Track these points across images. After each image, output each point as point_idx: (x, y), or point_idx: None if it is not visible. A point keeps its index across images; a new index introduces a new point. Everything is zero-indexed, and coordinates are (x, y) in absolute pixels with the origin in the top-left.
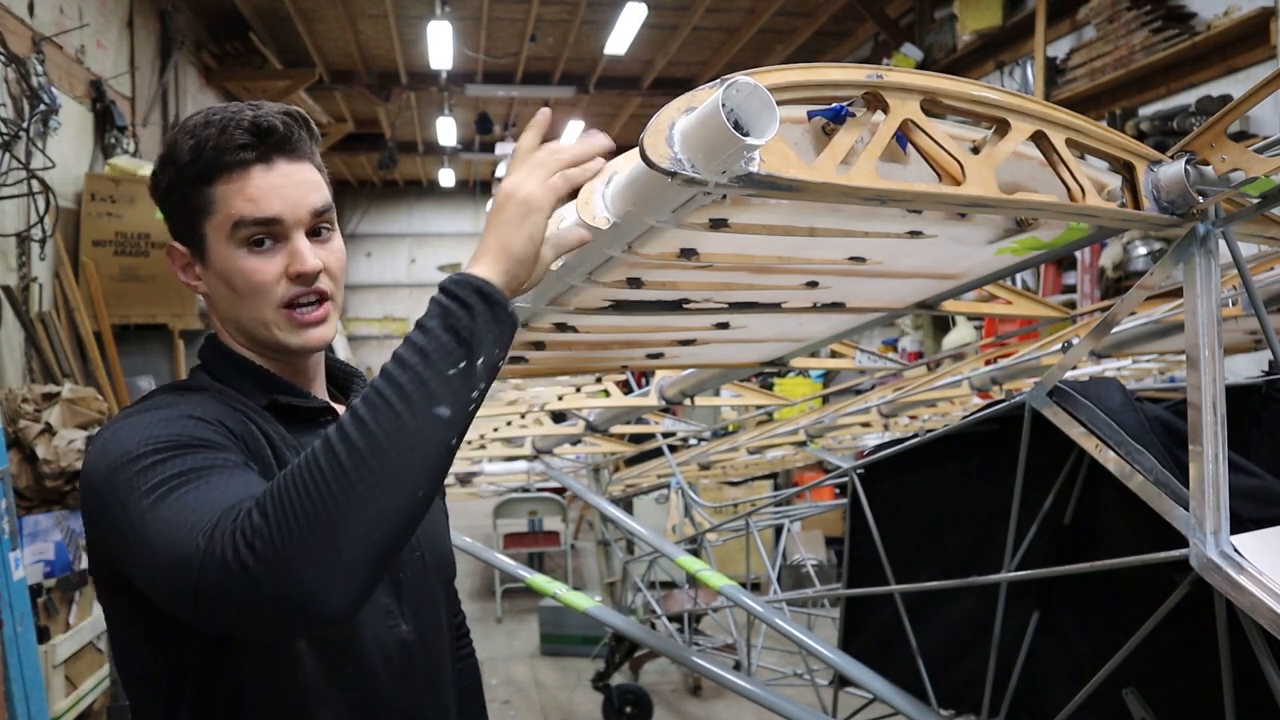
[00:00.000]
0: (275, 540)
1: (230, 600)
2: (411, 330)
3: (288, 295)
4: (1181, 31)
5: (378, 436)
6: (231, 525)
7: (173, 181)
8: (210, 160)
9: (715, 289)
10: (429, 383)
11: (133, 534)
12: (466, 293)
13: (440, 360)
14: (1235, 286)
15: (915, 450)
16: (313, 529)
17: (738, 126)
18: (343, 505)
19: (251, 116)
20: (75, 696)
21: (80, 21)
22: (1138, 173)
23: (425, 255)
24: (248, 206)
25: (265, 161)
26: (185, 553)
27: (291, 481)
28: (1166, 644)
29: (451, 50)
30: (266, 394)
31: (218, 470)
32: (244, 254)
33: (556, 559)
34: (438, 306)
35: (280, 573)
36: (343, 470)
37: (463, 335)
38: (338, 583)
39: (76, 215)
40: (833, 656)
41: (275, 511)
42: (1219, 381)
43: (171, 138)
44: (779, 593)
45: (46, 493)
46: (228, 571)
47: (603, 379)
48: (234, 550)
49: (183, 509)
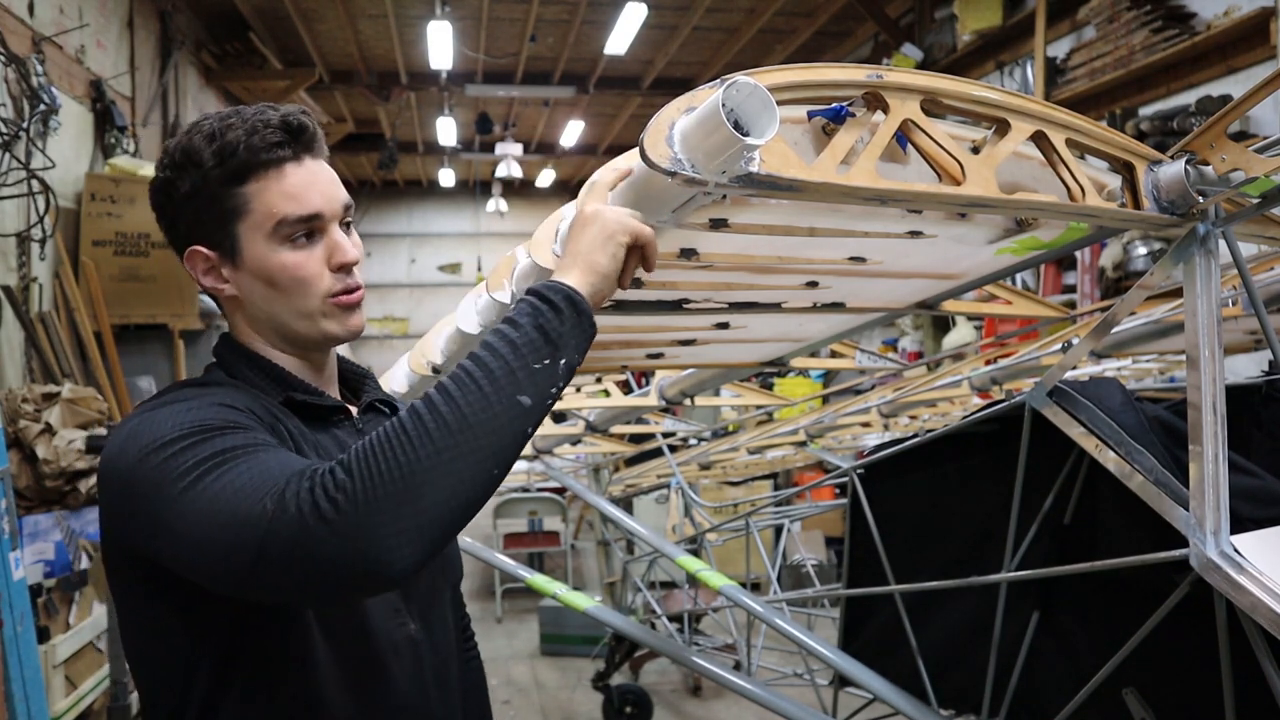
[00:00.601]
0: (359, 496)
1: (300, 556)
2: (500, 323)
3: (334, 287)
4: (1181, 31)
5: (465, 412)
6: (309, 483)
7: (197, 185)
8: (244, 160)
9: (715, 289)
10: (516, 372)
11: (170, 513)
12: (558, 298)
13: (529, 354)
14: (1235, 286)
15: (915, 450)
16: (397, 489)
17: (738, 126)
18: (427, 470)
19: (280, 116)
20: (75, 696)
21: (80, 21)
22: (1138, 173)
23: (425, 255)
24: (289, 204)
25: (298, 159)
26: (248, 516)
27: (379, 445)
28: (1166, 644)
29: (451, 50)
30: (282, 391)
31: (262, 448)
32: (286, 250)
33: (556, 559)
34: (529, 306)
35: (362, 525)
36: (429, 438)
37: (550, 335)
38: (411, 543)
39: (76, 215)
40: (833, 656)
41: (360, 470)
42: (1219, 381)
43: (185, 143)
44: (779, 593)
45: (46, 493)
46: (304, 526)
47: (603, 379)
48: (313, 505)
49: (236, 480)
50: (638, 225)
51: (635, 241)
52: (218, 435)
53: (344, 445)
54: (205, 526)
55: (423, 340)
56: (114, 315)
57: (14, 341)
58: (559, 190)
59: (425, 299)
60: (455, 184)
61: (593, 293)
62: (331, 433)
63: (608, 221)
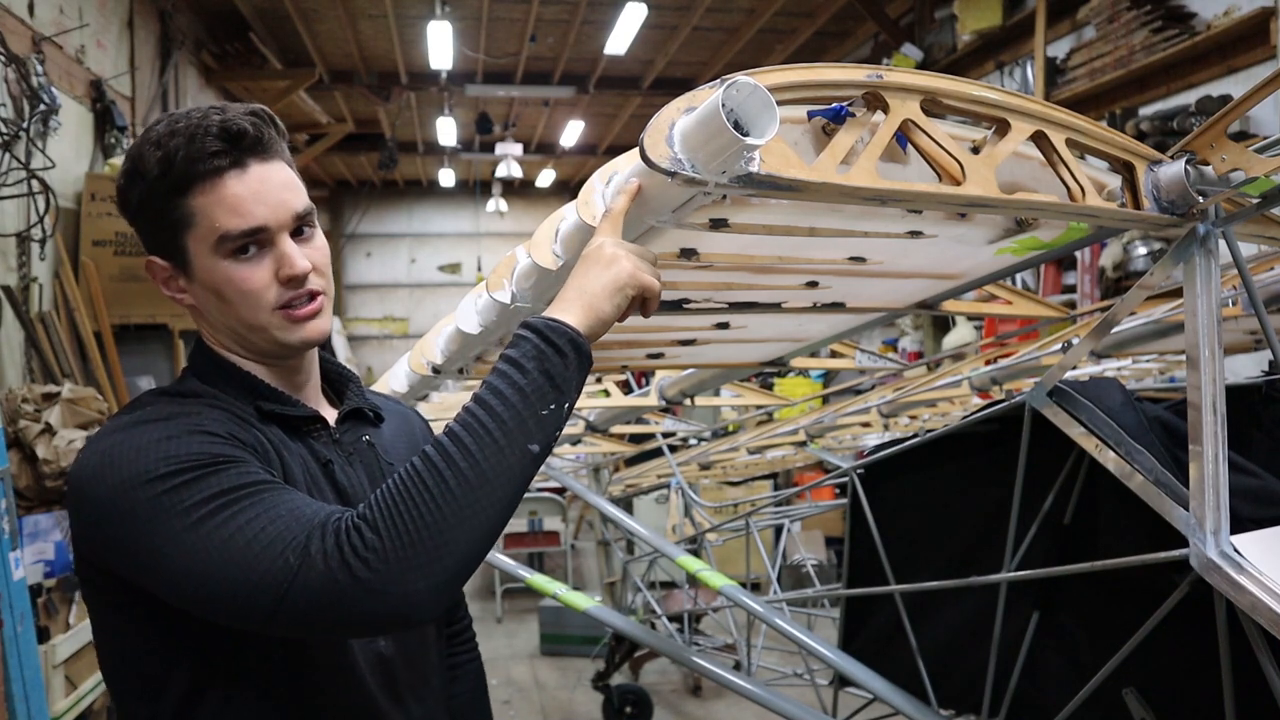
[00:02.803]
0: (390, 555)
1: (329, 609)
2: (505, 365)
3: (281, 298)
4: (1181, 31)
5: (483, 466)
6: (335, 540)
7: (144, 196)
8: (183, 171)
9: (715, 289)
10: (527, 421)
11: (172, 549)
12: (563, 341)
13: (537, 401)
14: (1235, 286)
15: (915, 450)
16: (426, 546)
17: (738, 126)
18: (452, 526)
19: (220, 121)
20: (75, 696)
21: (80, 21)
22: (1138, 173)
23: (425, 255)
24: (231, 219)
25: (239, 167)
26: (270, 569)
27: (403, 500)
28: (1166, 644)
29: (451, 50)
30: (251, 400)
31: (263, 488)
32: (231, 264)
33: (556, 559)
34: (534, 349)
35: (396, 583)
36: (452, 494)
37: (556, 380)
38: (438, 593)
39: (76, 215)
40: (833, 656)
41: (388, 528)
42: (1219, 381)
43: (135, 149)
44: (779, 593)
45: (46, 493)
46: (335, 582)
47: (603, 379)
48: (342, 563)
49: (249, 528)
50: (648, 280)
51: (641, 295)
52: (214, 472)
53: (318, 455)
54: (221, 572)
55: (423, 340)
56: (114, 315)
57: (14, 341)
58: (559, 190)
59: (425, 299)
60: (455, 184)
61: (590, 334)
62: (307, 442)
63: (622, 272)
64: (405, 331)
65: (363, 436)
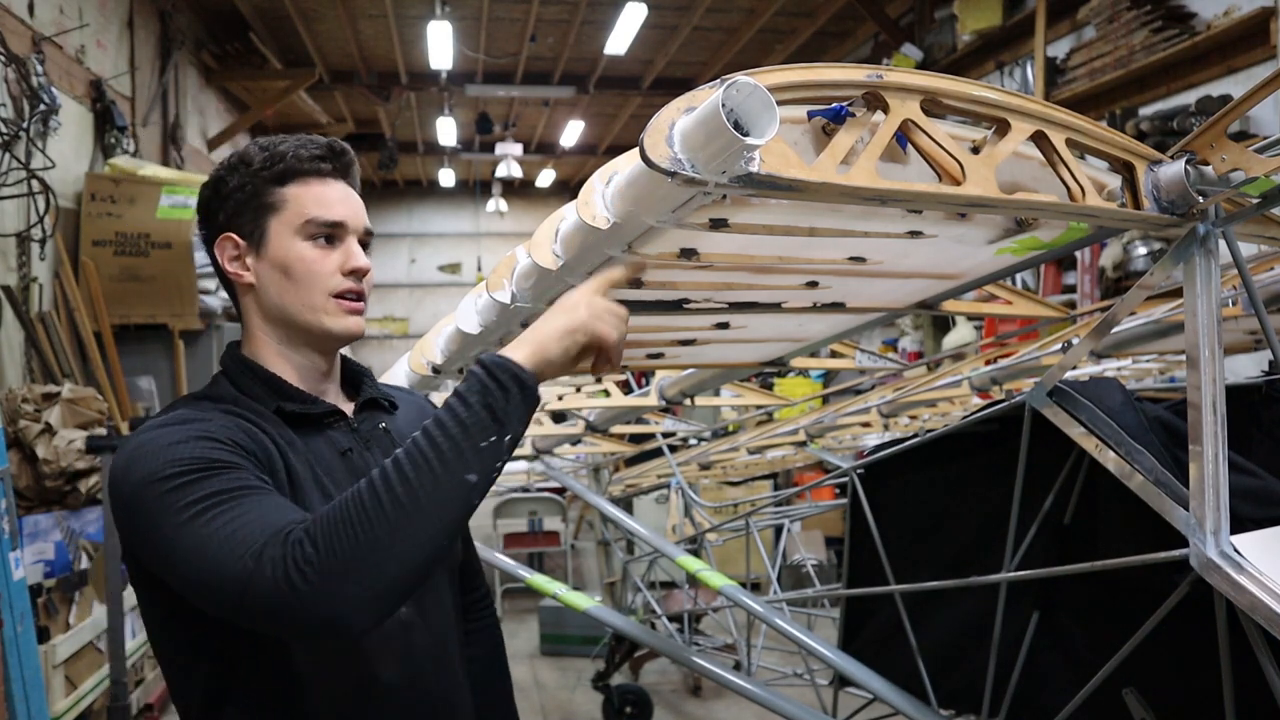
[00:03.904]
0: (325, 569)
1: (276, 613)
2: (453, 398)
3: (340, 287)
4: (1181, 31)
5: (417, 492)
6: (282, 550)
7: (243, 181)
8: (289, 165)
9: (715, 289)
10: (465, 453)
11: (169, 548)
12: (505, 377)
13: (477, 433)
14: (1235, 286)
15: (915, 450)
16: (356, 563)
17: (738, 126)
18: (384, 546)
19: (325, 140)
20: (75, 696)
21: (80, 21)
22: (1138, 173)
23: (425, 255)
24: (319, 209)
25: (334, 177)
26: (233, 571)
27: (341, 519)
28: (1166, 644)
29: (451, 50)
30: (275, 401)
31: (245, 494)
32: (307, 245)
33: (556, 559)
34: (479, 384)
35: (328, 595)
36: (386, 517)
37: (498, 414)
38: (368, 608)
39: (76, 215)
40: (833, 656)
41: (324, 545)
42: (1219, 381)
43: (240, 152)
44: (779, 593)
45: (46, 493)
46: (278, 591)
47: (603, 379)
48: (285, 574)
49: (222, 529)
50: (604, 329)
51: (595, 344)
52: (206, 477)
53: (336, 445)
54: (196, 566)
55: (423, 340)
56: (114, 315)
57: (14, 341)
58: (559, 190)
59: (425, 299)
60: (455, 184)
61: (538, 372)
62: (326, 435)
63: (576, 318)
64: (405, 331)
65: (379, 424)
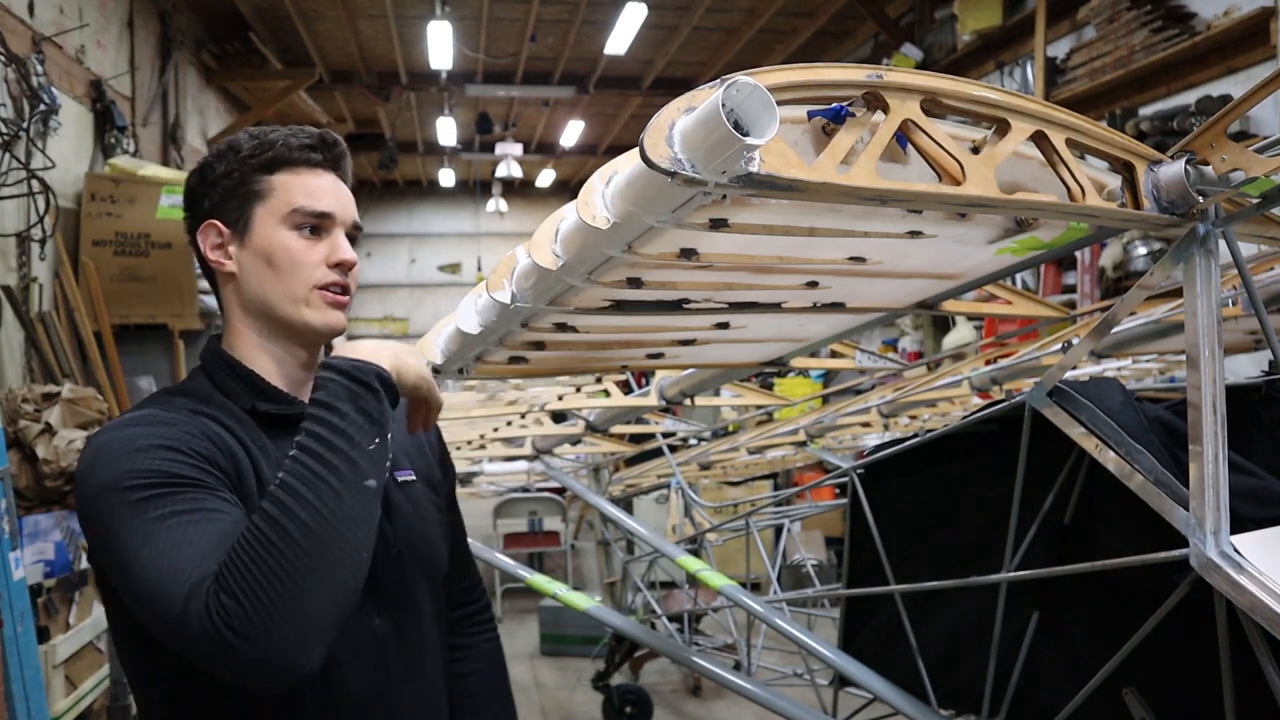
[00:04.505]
0: (251, 619)
1: (215, 662)
2: (319, 410)
3: (324, 279)
4: (1181, 31)
5: (324, 514)
6: (204, 604)
7: (231, 168)
8: (278, 153)
9: (715, 289)
10: (358, 461)
11: (122, 562)
12: (371, 379)
13: (361, 439)
14: (1235, 286)
15: (915, 450)
16: (284, 604)
17: (738, 126)
18: (306, 579)
19: (318, 131)
20: (75, 696)
21: (80, 21)
22: (1138, 173)
23: (425, 255)
24: (307, 199)
25: (323, 168)
26: (168, 607)
27: (250, 560)
28: (1166, 644)
29: (451, 50)
30: (250, 400)
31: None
32: (292, 235)
33: (556, 559)
34: (344, 390)
35: (263, 642)
36: (300, 548)
37: (374, 416)
38: (310, 643)
39: (76, 215)
40: (833, 656)
41: (244, 591)
42: (1219, 381)
43: (231, 139)
44: (779, 593)
45: (46, 493)
46: (211, 642)
47: (603, 379)
48: (213, 627)
49: (165, 555)
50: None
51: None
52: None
53: None
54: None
55: (422, 340)
56: (114, 315)
57: (14, 341)
58: (559, 190)
59: (425, 299)
60: (455, 184)
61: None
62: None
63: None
64: (405, 331)
65: None
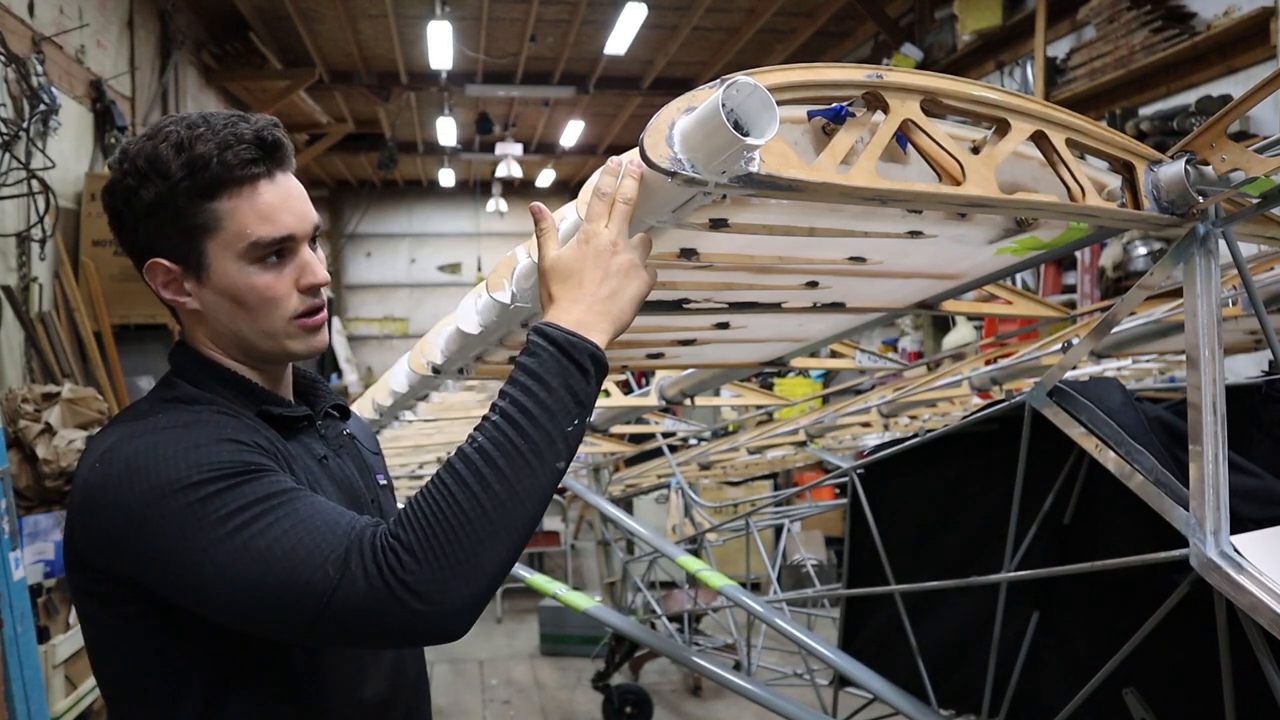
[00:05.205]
0: (430, 573)
1: (369, 621)
2: (527, 379)
3: (300, 308)
4: (1181, 31)
5: (516, 488)
6: (373, 558)
7: (163, 197)
8: (216, 175)
9: (715, 289)
10: (555, 440)
11: (205, 559)
12: (585, 359)
13: (562, 418)
14: (1235, 286)
15: (915, 450)
16: (464, 565)
17: (738, 126)
18: (487, 543)
19: (253, 131)
20: (75, 696)
21: (80, 21)
22: (1138, 173)
23: (425, 255)
24: (264, 226)
25: (270, 176)
26: (310, 582)
27: (438, 520)
28: (1166, 644)
29: (451, 50)
30: (254, 405)
31: (294, 496)
32: (256, 270)
33: (556, 559)
34: (556, 365)
35: (434, 599)
36: (485, 514)
37: (580, 397)
38: (474, 606)
39: (76, 215)
40: (833, 656)
41: (426, 546)
42: (1219, 381)
43: (147, 150)
44: (779, 593)
45: (46, 493)
46: (376, 598)
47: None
48: (383, 581)
49: (285, 539)
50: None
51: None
52: (246, 481)
53: (312, 451)
54: (260, 582)
55: (423, 340)
56: (114, 315)
57: (14, 341)
58: (559, 190)
59: (425, 299)
60: (455, 184)
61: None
62: (300, 440)
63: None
64: (405, 331)
65: (343, 430)
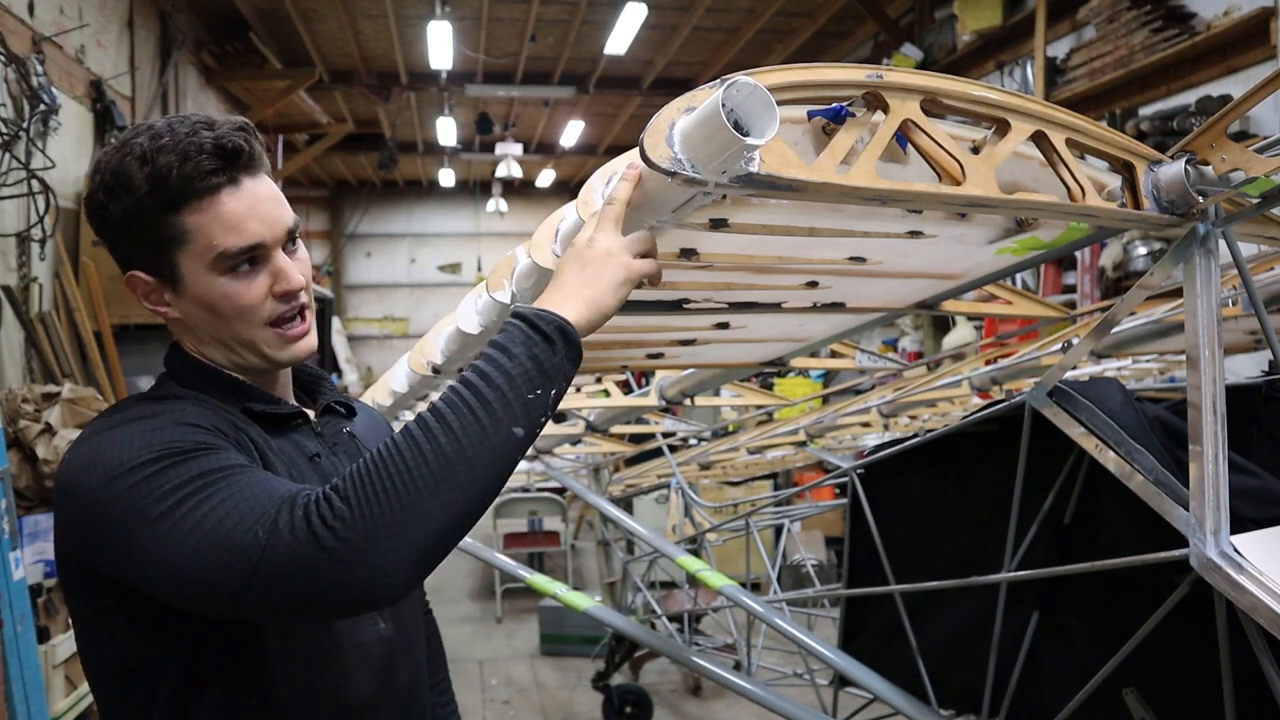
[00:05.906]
0: (358, 524)
1: (295, 580)
2: (492, 350)
3: (274, 313)
4: (1181, 31)
5: (462, 443)
6: (302, 510)
7: (131, 211)
8: (178, 188)
9: (715, 289)
10: (512, 403)
11: (149, 538)
12: (552, 330)
13: (523, 384)
14: (1235, 286)
15: (915, 450)
16: (395, 518)
17: (738, 126)
18: (425, 499)
19: (213, 139)
20: (75, 696)
21: (80, 21)
22: (1138, 173)
23: (425, 255)
24: (230, 236)
25: (234, 184)
26: (240, 544)
27: (376, 472)
28: (1166, 644)
29: (451, 50)
30: (238, 402)
31: (240, 470)
32: (227, 280)
33: (556, 559)
34: (521, 335)
35: (360, 552)
36: (427, 468)
37: (544, 367)
38: (406, 568)
39: (76, 215)
40: (833, 656)
41: (358, 498)
42: (1219, 381)
43: (114, 163)
44: (779, 593)
45: (46, 493)
46: (300, 552)
47: (603, 379)
48: (309, 532)
49: (220, 507)
50: (649, 267)
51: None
52: (190, 458)
53: (304, 449)
54: (191, 554)
55: (423, 340)
56: (114, 315)
57: (14, 341)
58: (559, 190)
59: (425, 299)
60: (455, 184)
61: (587, 328)
62: (291, 438)
63: (624, 267)
64: (405, 331)
65: (343, 428)
